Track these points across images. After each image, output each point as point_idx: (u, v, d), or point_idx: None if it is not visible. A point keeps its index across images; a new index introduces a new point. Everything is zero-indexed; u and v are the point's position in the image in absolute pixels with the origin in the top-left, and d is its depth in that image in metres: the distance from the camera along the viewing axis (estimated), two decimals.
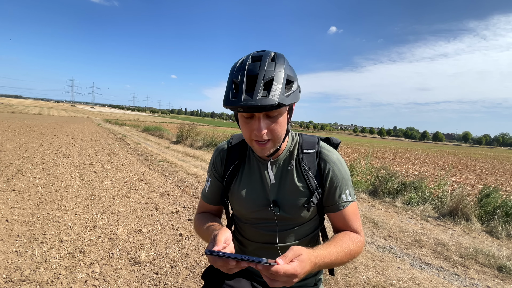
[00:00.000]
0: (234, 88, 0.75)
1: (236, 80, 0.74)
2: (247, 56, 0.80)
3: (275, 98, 0.71)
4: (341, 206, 0.89)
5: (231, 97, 0.74)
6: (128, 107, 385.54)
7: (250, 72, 0.74)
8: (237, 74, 0.75)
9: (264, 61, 0.75)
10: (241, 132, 0.85)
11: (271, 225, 0.91)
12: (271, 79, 0.72)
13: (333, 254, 0.77)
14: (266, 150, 0.81)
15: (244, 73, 0.74)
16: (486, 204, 4.13)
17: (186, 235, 2.98)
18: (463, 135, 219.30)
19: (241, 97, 0.71)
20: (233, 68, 0.78)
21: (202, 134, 13.35)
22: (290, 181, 0.90)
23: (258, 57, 0.77)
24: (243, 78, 0.73)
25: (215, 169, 1.00)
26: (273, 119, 0.78)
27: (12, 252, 2.37)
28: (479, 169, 14.53)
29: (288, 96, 0.75)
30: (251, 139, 0.81)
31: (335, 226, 0.93)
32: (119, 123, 30.18)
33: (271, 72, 0.73)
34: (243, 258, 0.61)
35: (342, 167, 0.90)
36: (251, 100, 0.70)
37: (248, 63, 0.76)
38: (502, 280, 2.54)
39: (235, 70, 0.77)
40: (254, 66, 0.74)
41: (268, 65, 0.74)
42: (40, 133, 12.55)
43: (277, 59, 0.77)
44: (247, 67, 0.74)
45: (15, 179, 4.60)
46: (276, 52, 0.80)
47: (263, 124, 0.76)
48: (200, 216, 1.02)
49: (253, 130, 0.78)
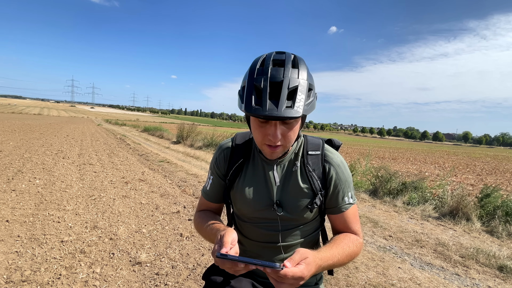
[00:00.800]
0: (256, 93, 0.72)
1: (259, 85, 0.72)
2: (267, 57, 0.78)
3: (300, 110, 0.70)
4: (343, 208, 0.90)
5: (254, 104, 0.71)
6: (128, 107, 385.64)
7: (274, 78, 0.72)
8: (259, 79, 0.73)
9: (288, 67, 0.73)
10: (253, 134, 0.83)
11: (274, 225, 0.91)
12: (295, 88, 0.72)
13: (335, 256, 0.78)
14: (276, 154, 0.82)
15: (267, 78, 0.72)
16: (487, 204, 4.13)
17: (187, 235, 2.97)
18: (463, 135, 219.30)
19: (265, 105, 0.69)
20: (252, 69, 0.76)
21: (202, 134, 13.35)
22: (294, 182, 0.90)
23: (280, 61, 0.76)
24: (266, 84, 0.71)
25: (217, 167, 0.99)
26: (289, 126, 0.77)
27: (12, 253, 2.37)
28: (479, 169, 14.53)
29: (309, 106, 0.75)
30: (263, 143, 0.80)
31: (335, 228, 0.94)
32: (119, 123, 30.19)
33: (295, 80, 0.72)
34: (256, 263, 0.61)
35: (345, 170, 0.92)
36: (276, 110, 0.69)
37: (270, 67, 0.74)
38: (503, 280, 2.54)
39: (256, 73, 0.74)
40: (277, 72, 0.72)
41: (292, 72, 0.73)
42: (40, 134, 12.56)
43: (299, 64, 0.76)
44: (270, 72, 0.72)
45: (15, 179, 4.60)
46: (296, 56, 0.79)
47: (279, 131, 0.76)
48: (201, 214, 1.02)
49: (267, 135, 0.77)
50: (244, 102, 0.74)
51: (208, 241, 1.15)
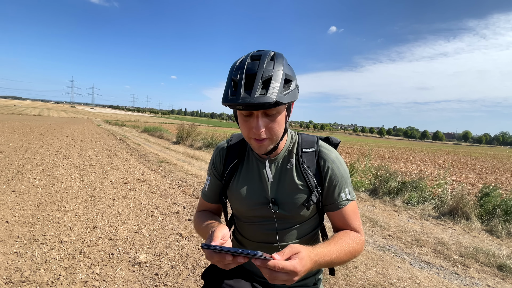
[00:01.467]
0: (233, 86, 0.76)
1: (235, 78, 0.75)
2: (247, 55, 0.81)
3: (273, 96, 0.72)
4: (340, 204, 0.89)
5: (229, 95, 0.75)
6: (128, 108, 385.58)
7: (249, 70, 0.75)
8: (236, 73, 0.76)
9: (263, 60, 0.76)
10: (240, 130, 0.85)
11: (271, 223, 0.92)
12: (269, 78, 0.73)
13: (333, 253, 0.77)
14: (263, 147, 0.82)
15: (243, 71, 0.75)
16: (486, 203, 4.13)
17: (186, 236, 2.98)
18: (463, 134, 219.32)
19: (239, 95, 0.72)
20: (232, 66, 0.79)
21: (202, 134, 13.35)
22: (289, 179, 0.90)
23: (258, 56, 0.78)
24: (242, 77, 0.74)
25: (214, 168, 1.01)
26: (272, 118, 0.79)
27: (12, 253, 2.37)
28: (479, 168, 14.53)
29: (286, 95, 0.75)
30: (250, 137, 0.82)
31: (335, 225, 0.93)
32: (119, 123, 30.19)
33: (270, 71, 0.74)
34: (238, 252, 0.62)
35: (341, 165, 0.91)
36: (249, 98, 0.71)
37: (247, 62, 0.77)
38: (502, 279, 2.54)
39: (234, 69, 0.78)
40: (253, 65, 0.75)
41: (267, 64, 0.75)
42: (40, 134, 12.56)
43: (276, 58, 0.78)
44: (246, 66, 0.76)
45: (15, 180, 4.60)
46: (275, 52, 0.81)
47: (261, 122, 0.77)
48: (199, 214, 1.03)
49: (251, 128, 0.79)
50: (223, 95, 0.78)
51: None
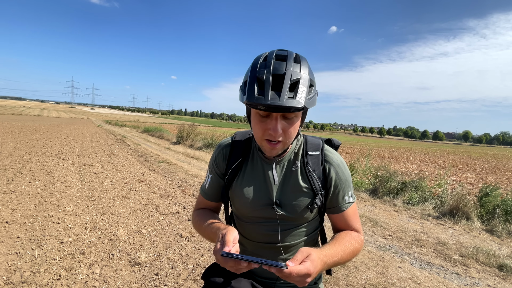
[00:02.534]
0: (259, 85, 0.73)
1: (261, 77, 0.72)
2: (270, 53, 0.79)
3: (302, 101, 0.71)
4: (344, 207, 0.91)
5: (256, 94, 0.72)
6: (128, 108, 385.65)
7: (276, 70, 0.72)
8: (262, 71, 0.73)
9: (290, 61, 0.74)
10: (252, 129, 0.84)
11: (273, 224, 0.91)
12: (297, 81, 0.72)
13: (339, 253, 0.79)
14: (275, 150, 0.82)
15: (270, 70, 0.72)
16: (486, 203, 4.13)
17: (186, 236, 2.98)
18: (463, 134, 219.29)
19: (268, 95, 0.70)
20: (255, 64, 0.76)
21: (202, 134, 13.36)
22: (294, 181, 0.90)
23: (283, 56, 0.77)
24: (269, 76, 0.72)
25: (216, 166, 0.99)
26: (289, 121, 0.77)
27: (12, 254, 2.37)
28: (479, 168, 14.52)
29: (310, 100, 0.75)
30: (263, 138, 0.80)
31: (336, 227, 0.95)
32: (119, 124, 30.20)
33: (297, 73, 0.73)
34: (261, 262, 0.61)
35: (345, 170, 0.92)
36: (278, 100, 0.69)
37: (273, 61, 0.75)
38: (502, 279, 2.54)
39: (258, 67, 0.75)
40: (279, 65, 0.73)
41: (294, 66, 0.74)
42: (40, 135, 12.56)
43: (301, 61, 0.77)
44: (272, 65, 0.73)
45: (15, 180, 4.60)
46: (298, 54, 0.80)
47: (280, 125, 0.76)
48: (199, 212, 1.02)
49: (267, 129, 0.77)
50: (246, 93, 0.74)
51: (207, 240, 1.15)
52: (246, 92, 0.74)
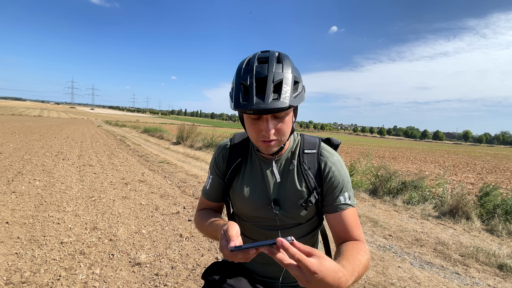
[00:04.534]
0: (244, 90, 0.75)
1: (245, 83, 0.74)
2: (253, 56, 0.80)
3: (286, 101, 0.72)
4: (339, 208, 0.87)
5: (241, 100, 0.74)
6: (128, 109, 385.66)
7: (259, 74, 0.74)
8: (245, 76, 0.75)
9: (272, 63, 0.75)
10: (247, 132, 0.85)
11: (272, 224, 0.92)
12: (280, 82, 0.73)
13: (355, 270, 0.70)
14: (271, 148, 0.82)
15: (252, 75, 0.74)
16: (487, 203, 4.13)
17: (186, 236, 2.98)
18: (463, 134, 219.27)
19: (252, 100, 0.72)
20: (239, 69, 0.78)
21: (202, 134, 13.35)
22: (290, 180, 0.90)
23: (265, 58, 0.78)
24: (252, 81, 0.73)
25: (217, 167, 1.01)
26: (280, 119, 0.79)
27: (12, 254, 2.37)
28: (479, 168, 14.52)
29: (296, 98, 0.76)
30: (258, 139, 0.81)
31: (336, 232, 0.88)
32: (119, 124, 30.20)
33: (280, 74, 0.74)
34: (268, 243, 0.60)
35: (342, 169, 0.91)
36: (263, 103, 0.71)
37: (255, 64, 0.76)
38: (502, 279, 2.54)
39: (242, 72, 0.76)
40: (262, 68, 0.74)
41: (276, 67, 0.75)
42: (40, 135, 12.56)
43: (283, 60, 0.77)
44: (255, 69, 0.75)
45: (15, 181, 4.60)
46: (280, 52, 0.81)
47: (271, 125, 0.77)
48: (201, 212, 1.02)
49: (260, 131, 0.78)
50: (234, 100, 0.76)
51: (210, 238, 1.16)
52: (234, 99, 0.76)
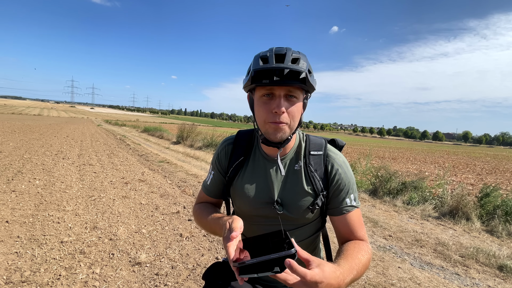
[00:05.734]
0: (262, 61, 0.79)
1: (265, 55, 0.79)
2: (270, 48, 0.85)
3: (303, 69, 0.76)
4: (345, 210, 0.87)
5: (261, 64, 0.77)
6: (128, 108, 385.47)
7: (278, 51, 0.79)
8: (265, 53, 0.80)
9: (290, 49, 0.80)
10: (256, 115, 0.85)
11: (274, 224, 0.91)
12: (298, 58, 0.78)
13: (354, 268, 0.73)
14: (280, 130, 0.80)
15: (272, 51, 0.79)
16: (487, 203, 4.13)
17: (187, 236, 2.97)
18: (463, 135, 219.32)
19: (272, 62, 0.77)
20: (257, 55, 0.82)
21: (202, 134, 13.35)
22: (296, 181, 0.89)
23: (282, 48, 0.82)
24: (272, 54, 0.78)
25: (219, 163, 0.99)
26: (291, 102, 0.80)
27: (12, 253, 2.37)
28: (479, 168, 14.52)
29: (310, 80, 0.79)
30: (267, 121, 0.81)
31: (340, 232, 0.89)
32: (119, 123, 30.18)
33: (297, 54, 0.80)
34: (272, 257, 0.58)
35: (348, 171, 0.90)
36: (282, 64, 0.75)
37: (274, 48, 0.81)
38: (502, 280, 2.54)
39: (261, 54, 0.81)
40: (281, 49, 0.80)
41: (294, 52, 0.80)
42: (40, 134, 12.55)
43: (300, 53, 0.82)
44: (274, 49, 0.80)
45: (15, 180, 4.60)
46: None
47: (283, 103, 0.78)
48: (201, 206, 1.01)
49: (272, 109, 0.79)
50: (252, 67, 0.80)
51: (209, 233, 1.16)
52: (251, 69, 0.80)
